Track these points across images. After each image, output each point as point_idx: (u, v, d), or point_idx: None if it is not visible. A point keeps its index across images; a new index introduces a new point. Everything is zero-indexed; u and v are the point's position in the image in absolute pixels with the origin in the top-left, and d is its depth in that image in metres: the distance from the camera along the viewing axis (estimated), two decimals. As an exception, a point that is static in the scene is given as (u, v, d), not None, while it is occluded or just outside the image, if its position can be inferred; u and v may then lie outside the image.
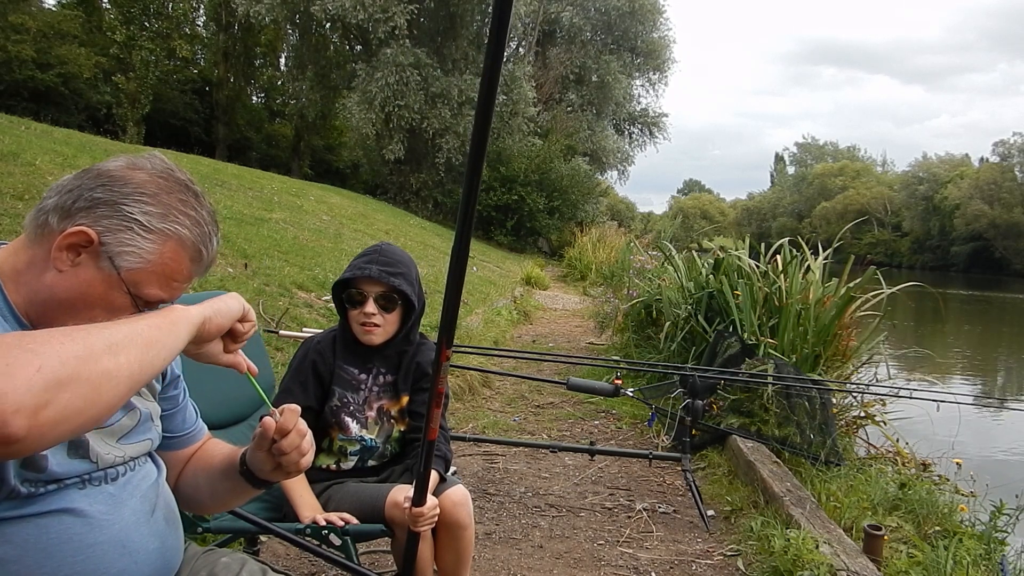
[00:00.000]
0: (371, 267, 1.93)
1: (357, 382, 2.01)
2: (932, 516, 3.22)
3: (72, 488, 1.01)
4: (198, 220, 1.04)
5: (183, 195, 1.04)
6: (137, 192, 1.00)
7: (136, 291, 1.01)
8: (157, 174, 1.03)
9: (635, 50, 30.00)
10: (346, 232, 10.78)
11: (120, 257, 0.99)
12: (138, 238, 0.99)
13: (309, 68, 26.55)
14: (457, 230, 1.08)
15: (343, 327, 2.02)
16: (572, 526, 3.20)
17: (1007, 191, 53.73)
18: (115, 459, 1.07)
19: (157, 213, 1.00)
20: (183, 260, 1.04)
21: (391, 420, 2.03)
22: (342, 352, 2.01)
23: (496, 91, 0.95)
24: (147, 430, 1.15)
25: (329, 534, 1.79)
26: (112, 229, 0.99)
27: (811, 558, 2.53)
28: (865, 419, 4.61)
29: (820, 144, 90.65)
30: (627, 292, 7.49)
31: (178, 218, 1.02)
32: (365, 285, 1.95)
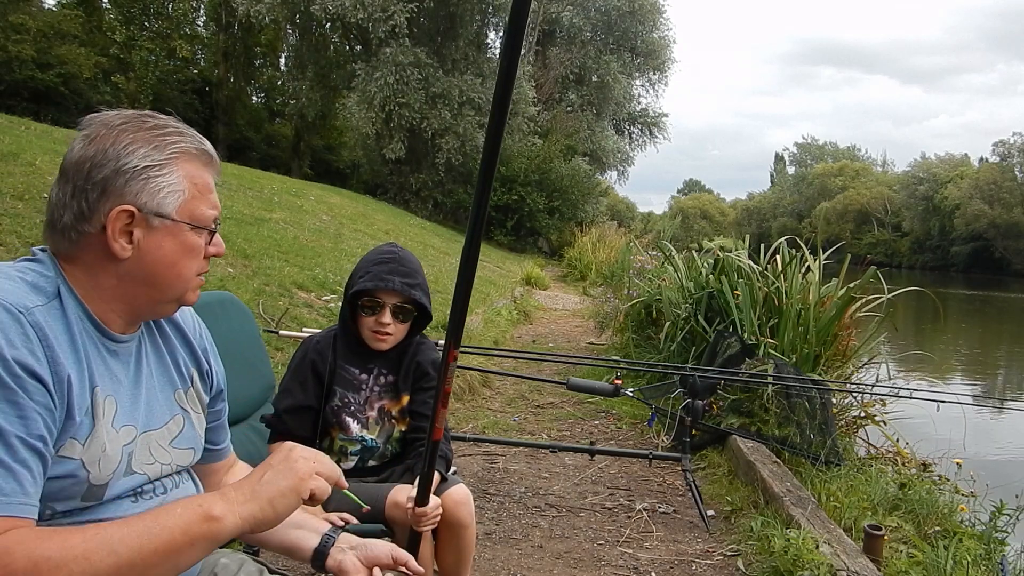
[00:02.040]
0: (394, 279, 1.92)
1: (358, 382, 2.00)
2: (932, 516, 3.22)
3: (125, 499, 1.03)
4: (179, 130, 1.04)
5: (149, 121, 1.03)
6: (122, 148, 0.99)
7: (196, 221, 1.03)
8: (118, 125, 1.01)
9: (635, 50, 29.97)
10: (346, 232, 10.78)
11: (163, 205, 1.00)
12: (160, 178, 0.99)
13: (309, 68, 26.54)
14: (468, 232, 1.08)
15: (346, 327, 2.01)
16: (572, 526, 3.20)
17: (1007, 191, 53.72)
18: (163, 469, 1.09)
19: (151, 148, 1.00)
20: (200, 169, 1.05)
21: (392, 420, 2.02)
22: (344, 352, 2.00)
23: (511, 96, 0.95)
24: (192, 439, 1.16)
25: (329, 534, 1.79)
26: (136, 190, 0.98)
27: (811, 558, 2.53)
28: (865, 419, 4.61)
29: (820, 144, 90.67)
30: (627, 292, 7.49)
31: (167, 139, 1.02)
32: (384, 295, 1.93)
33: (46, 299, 0.96)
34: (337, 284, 6.75)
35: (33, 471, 0.87)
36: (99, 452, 0.97)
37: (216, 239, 1.08)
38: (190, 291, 1.07)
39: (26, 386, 0.87)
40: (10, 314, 0.89)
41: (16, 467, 0.85)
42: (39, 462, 0.88)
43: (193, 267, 1.05)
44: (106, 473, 0.98)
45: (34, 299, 0.94)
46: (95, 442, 0.96)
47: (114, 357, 1.04)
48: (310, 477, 0.99)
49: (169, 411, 1.12)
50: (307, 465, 0.99)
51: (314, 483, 0.99)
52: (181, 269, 1.03)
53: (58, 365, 0.91)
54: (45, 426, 0.89)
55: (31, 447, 0.86)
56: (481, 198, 1.03)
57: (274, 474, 0.98)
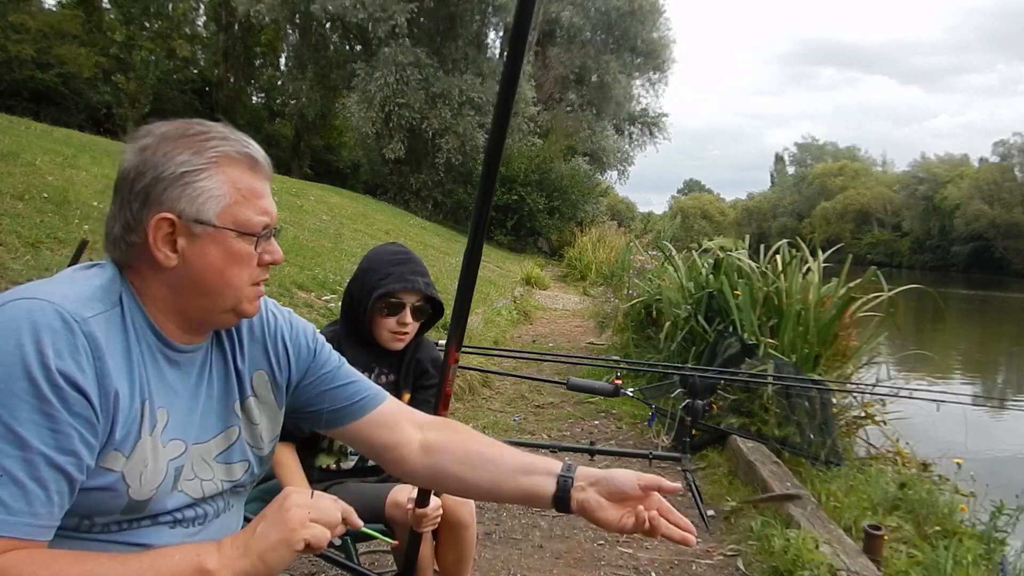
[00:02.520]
0: (416, 279, 1.93)
1: (366, 375, 2.00)
2: (932, 516, 3.22)
3: (163, 526, 1.01)
4: (223, 135, 1.02)
5: (193, 128, 1.01)
6: (161, 155, 0.97)
7: (241, 228, 1.00)
8: (162, 133, 1.00)
9: (635, 50, 29.94)
10: (346, 232, 10.78)
11: (203, 212, 0.97)
12: (199, 184, 0.97)
13: (309, 68, 26.53)
14: (470, 235, 1.07)
15: (351, 328, 2.00)
16: (572, 526, 3.20)
17: (1007, 191, 53.73)
18: (204, 488, 1.05)
19: (191, 154, 0.98)
20: (245, 173, 1.01)
21: None
22: (347, 353, 2.00)
23: (514, 97, 0.95)
24: (244, 451, 1.12)
25: (329, 534, 1.78)
26: (175, 198, 0.96)
27: (811, 558, 2.53)
28: (865, 419, 4.61)
29: (820, 144, 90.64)
30: (627, 292, 7.49)
31: (207, 143, 1.00)
32: (404, 295, 1.94)
33: (108, 306, 0.95)
34: (337, 284, 6.75)
35: (50, 490, 0.85)
36: (141, 467, 0.95)
37: (272, 246, 1.05)
38: (245, 301, 1.04)
39: (66, 397, 0.86)
40: (64, 323, 0.88)
41: (30, 485, 0.83)
42: (62, 481, 0.86)
43: (244, 275, 1.02)
44: (148, 488, 0.96)
45: (95, 307, 0.93)
46: (138, 456, 0.95)
47: (174, 368, 1.02)
48: (303, 527, 0.94)
49: (223, 423, 1.09)
50: (299, 514, 0.95)
51: (308, 533, 0.94)
52: (230, 277, 1.01)
53: (106, 378, 0.90)
54: (82, 440, 0.87)
55: (55, 465, 0.85)
56: (483, 202, 1.02)
57: (266, 526, 0.94)
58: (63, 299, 0.90)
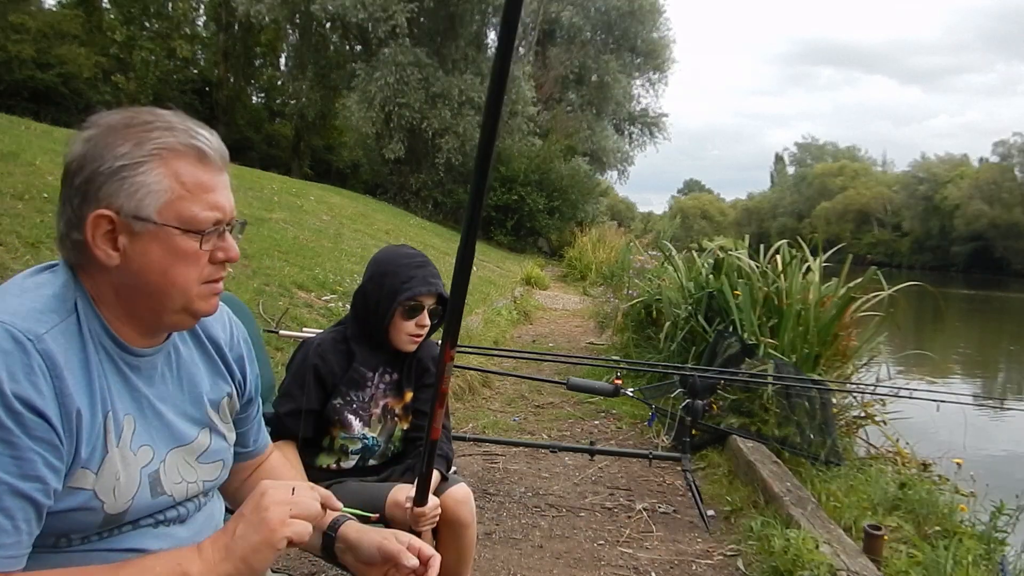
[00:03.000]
0: (437, 282, 1.96)
1: (365, 380, 2.00)
2: (932, 516, 3.22)
3: (146, 528, 1.00)
4: (169, 125, 0.95)
5: (140, 117, 0.96)
6: (102, 147, 0.92)
7: (186, 224, 0.94)
8: (107, 123, 0.95)
9: (635, 50, 29.96)
10: (346, 232, 10.77)
11: (141, 207, 0.92)
12: (136, 177, 0.91)
13: (309, 68, 26.52)
14: (463, 232, 1.07)
15: (364, 330, 1.99)
16: (572, 526, 3.20)
17: (1007, 191, 53.77)
18: (188, 489, 1.05)
19: (131, 145, 0.92)
20: (192, 166, 0.95)
21: (395, 418, 2.02)
22: (358, 352, 1.99)
23: (504, 94, 0.95)
24: (220, 451, 1.12)
25: (329, 534, 1.79)
26: (113, 193, 0.91)
27: (811, 558, 2.53)
28: (865, 419, 4.61)
29: (820, 144, 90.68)
30: (627, 292, 7.50)
31: (150, 134, 0.93)
32: (424, 297, 1.96)
33: (62, 316, 0.91)
34: (337, 284, 6.75)
35: (16, 519, 0.82)
36: (112, 481, 0.93)
37: (226, 243, 1.00)
38: (198, 300, 0.99)
39: (25, 421, 0.83)
40: (17, 343, 0.84)
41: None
42: (29, 509, 0.84)
43: (191, 274, 0.96)
44: (123, 500, 0.94)
45: (49, 320, 0.89)
46: (108, 469, 0.92)
47: (136, 372, 0.99)
48: (283, 525, 0.91)
49: (198, 425, 1.08)
50: (279, 512, 0.92)
51: (288, 531, 0.91)
52: (175, 277, 0.95)
53: (66, 397, 0.87)
54: (46, 464, 0.85)
55: (19, 493, 0.82)
56: (475, 200, 1.02)
57: (246, 527, 0.91)
58: (13, 316, 0.86)
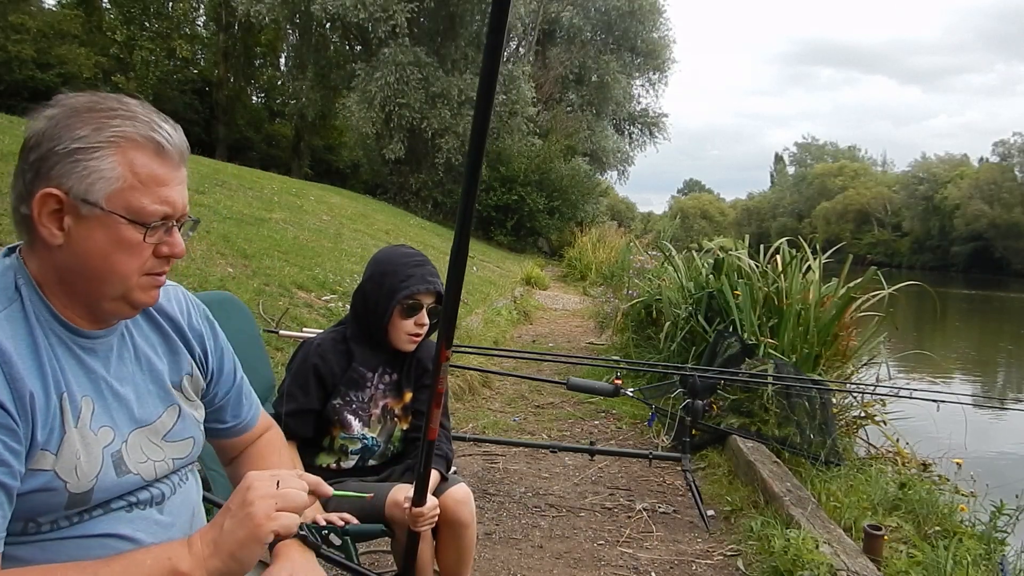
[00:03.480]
0: (435, 280, 1.96)
1: (364, 380, 2.00)
2: (932, 516, 3.22)
3: (119, 512, 1.00)
4: (132, 115, 0.96)
5: (104, 103, 0.96)
6: (62, 128, 0.93)
7: (132, 215, 0.94)
8: (70, 105, 0.95)
9: (635, 50, 29.96)
10: (346, 232, 10.77)
11: (91, 191, 0.92)
12: (90, 162, 0.92)
13: (309, 68, 26.51)
14: (456, 230, 1.08)
15: (364, 329, 1.99)
16: (572, 526, 3.20)
17: (1007, 191, 53.76)
18: (157, 468, 1.05)
19: (91, 130, 0.93)
20: (148, 158, 0.95)
21: (394, 418, 2.03)
22: (357, 352, 1.99)
23: (495, 88, 0.95)
24: (189, 427, 1.12)
25: (329, 534, 1.78)
26: (64, 174, 0.92)
27: (811, 558, 2.53)
28: (865, 419, 4.61)
29: (820, 144, 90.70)
30: (627, 292, 7.49)
31: (111, 121, 0.94)
32: (423, 296, 1.96)
33: (5, 304, 0.92)
34: (337, 284, 6.75)
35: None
36: (73, 460, 0.93)
37: (173, 239, 0.99)
38: (137, 290, 0.99)
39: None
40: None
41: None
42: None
43: (131, 264, 0.96)
44: (86, 479, 0.94)
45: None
46: (67, 449, 0.93)
47: (91, 355, 1.00)
48: (269, 519, 0.91)
49: (162, 404, 1.08)
50: (265, 506, 0.92)
51: (275, 524, 0.92)
52: (115, 264, 0.95)
53: (17, 381, 0.88)
54: (7, 448, 0.86)
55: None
56: (468, 196, 1.02)
57: (233, 523, 0.92)
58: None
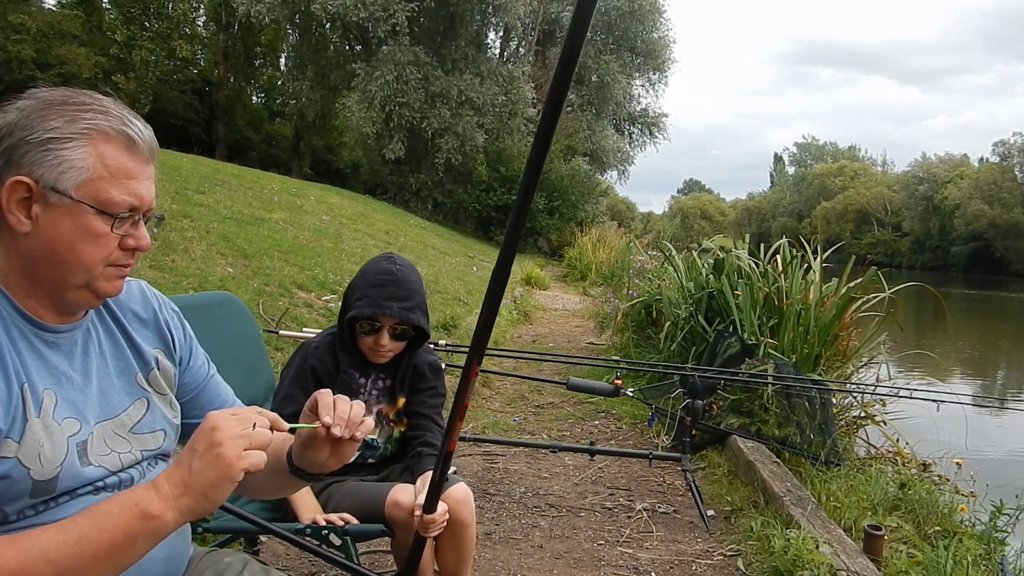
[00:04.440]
0: (391, 305, 1.91)
1: (357, 386, 2.01)
2: (932, 516, 3.22)
3: (86, 496, 1.00)
4: (104, 110, 0.99)
5: (77, 97, 0.99)
6: (35, 119, 0.95)
7: (101, 205, 0.97)
8: (43, 98, 0.98)
9: (635, 50, 29.98)
10: (346, 232, 10.77)
11: (60, 180, 0.95)
12: (62, 152, 0.95)
13: (309, 68, 26.52)
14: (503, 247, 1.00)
15: (345, 335, 2.01)
16: (572, 526, 3.20)
17: (1007, 191, 53.76)
18: (123, 460, 1.05)
19: (64, 121, 0.96)
20: (119, 151, 0.99)
21: (389, 423, 2.03)
22: (345, 358, 2.01)
23: (560, 110, 0.90)
24: (159, 420, 1.13)
25: (329, 534, 1.79)
26: (36, 162, 0.95)
27: (811, 558, 2.53)
28: (865, 419, 4.61)
29: (820, 144, 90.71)
30: (627, 292, 7.49)
31: (83, 115, 0.97)
32: (382, 319, 1.94)
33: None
34: (337, 284, 6.75)
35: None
36: (36, 447, 0.94)
37: (139, 232, 1.02)
38: (101, 279, 1.01)
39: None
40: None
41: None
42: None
43: (97, 254, 0.99)
44: (51, 467, 0.96)
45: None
46: (30, 437, 0.94)
47: (53, 349, 1.01)
48: (239, 458, 0.92)
49: (128, 396, 1.09)
50: (234, 447, 0.92)
51: (245, 463, 0.92)
52: (80, 253, 0.97)
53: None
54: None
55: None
56: (518, 219, 0.97)
57: (202, 464, 0.92)
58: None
